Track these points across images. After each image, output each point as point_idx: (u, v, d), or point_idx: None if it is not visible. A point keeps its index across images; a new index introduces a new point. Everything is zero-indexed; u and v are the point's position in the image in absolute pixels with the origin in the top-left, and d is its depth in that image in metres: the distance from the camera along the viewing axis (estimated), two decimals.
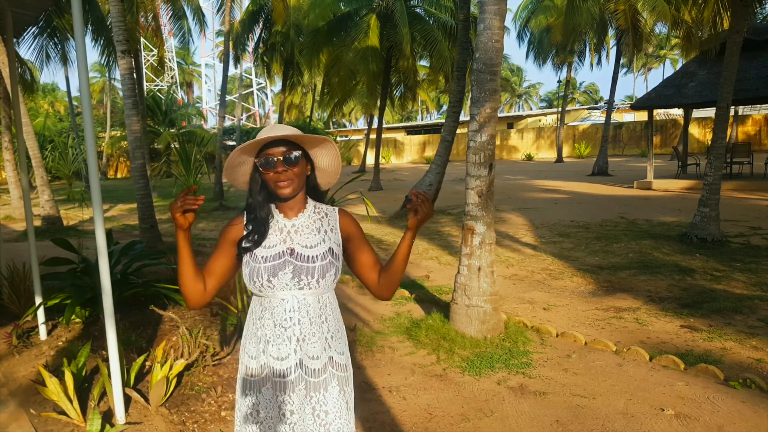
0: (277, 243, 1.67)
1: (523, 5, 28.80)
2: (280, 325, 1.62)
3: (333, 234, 1.71)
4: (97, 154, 3.13)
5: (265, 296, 1.64)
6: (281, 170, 1.60)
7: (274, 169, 1.60)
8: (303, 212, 1.72)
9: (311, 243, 1.67)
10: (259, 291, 1.64)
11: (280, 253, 1.64)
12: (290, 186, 1.62)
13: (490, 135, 4.55)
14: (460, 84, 11.86)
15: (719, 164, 7.87)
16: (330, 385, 1.66)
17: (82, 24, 3.04)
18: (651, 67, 57.00)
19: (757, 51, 13.87)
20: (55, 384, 3.12)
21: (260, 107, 61.95)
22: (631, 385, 3.60)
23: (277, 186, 1.62)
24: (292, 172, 1.62)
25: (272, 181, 1.62)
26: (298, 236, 1.68)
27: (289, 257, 1.64)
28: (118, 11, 8.43)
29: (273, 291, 1.62)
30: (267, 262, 1.63)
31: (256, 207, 1.68)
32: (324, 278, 1.64)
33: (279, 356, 1.63)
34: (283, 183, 1.61)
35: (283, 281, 1.61)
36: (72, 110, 24.19)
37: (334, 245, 1.69)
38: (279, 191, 1.63)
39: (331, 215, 1.74)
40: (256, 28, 23.43)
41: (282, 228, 1.69)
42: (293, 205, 1.71)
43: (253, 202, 1.68)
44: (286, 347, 1.62)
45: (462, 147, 33.11)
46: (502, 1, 4.49)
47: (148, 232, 8.71)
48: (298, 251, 1.65)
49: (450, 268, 7.20)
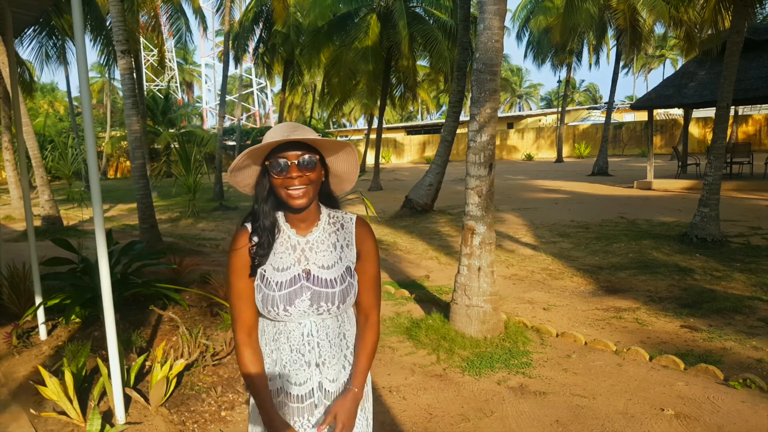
0: (291, 264, 1.49)
1: (522, 5, 28.81)
2: (297, 350, 1.50)
3: (349, 250, 1.55)
4: (97, 154, 3.13)
5: (281, 323, 1.52)
6: (295, 175, 1.41)
7: (287, 174, 1.41)
8: (317, 225, 1.54)
9: (328, 263, 1.51)
10: (274, 318, 1.50)
11: (295, 277, 1.48)
12: (304, 195, 1.43)
13: (490, 135, 4.55)
14: (460, 84, 11.87)
15: (719, 164, 7.87)
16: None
17: (82, 24, 3.03)
18: (651, 67, 56.99)
19: (757, 51, 13.87)
20: (55, 384, 3.12)
21: (260, 107, 61.96)
22: (631, 385, 3.60)
23: (289, 195, 1.43)
24: (306, 177, 1.42)
25: (283, 188, 1.43)
26: (314, 255, 1.51)
27: (306, 281, 1.48)
28: (118, 11, 8.44)
29: (290, 318, 1.49)
30: (282, 289, 1.46)
31: (261, 215, 1.49)
32: (344, 303, 1.51)
33: (297, 382, 1.51)
34: (296, 191, 1.42)
35: (300, 309, 1.47)
36: (72, 110, 24.19)
37: (350, 263, 1.55)
38: (291, 201, 1.43)
39: (348, 227, 1.57)
40: (257, 28, 23.44)
41: (295, 246, 1.51)
42: (306, 217, 1.52)
43: (258, 210, 1.49)
44: (304, 373, 1.51)
45: (462, 147, 33.12)
46: (501, 1, 4.49)
47: (148, 232, 8.71)
48: (314, 274, 1.49)
49: (450, 268, 7.20)
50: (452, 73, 13.33)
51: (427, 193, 12.18)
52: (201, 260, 7.52)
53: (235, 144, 33.38)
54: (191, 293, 5.46)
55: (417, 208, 12.09)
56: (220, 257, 8.08)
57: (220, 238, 10.22)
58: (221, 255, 8.34)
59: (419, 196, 12.22)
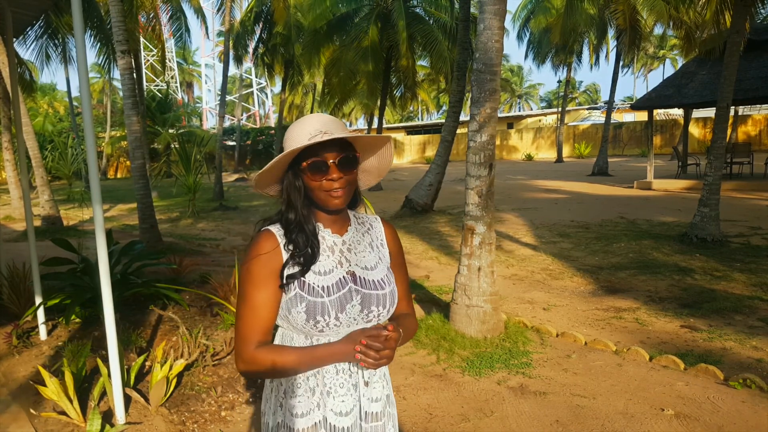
0: (333, 267, 1.34)
1: (523, 5, 28.83)
2: (345, 371, 1.33)
3: (384, 249, 1.46)
4: (97, 154, 3.13)
5: (323, 336, 1.32)
6: (336, 177, 1.28)
7: (328, 175, 1.28)
8: (351, 225, 1.43)
9: (370, 263, 1.39)
10: (320, 330, 1.30)
11: (341, 280, 1.33)
12: (345, 196, 1.32)
13: (490, 135, 4.55)
14: (460, 84, 11.87)
15: (719, 164, 7.87)
16: (387, 428, 1.42)
17: (82, 24, 3.04)
18: (651, 67, 56.98)
19: (757, 51, 13.87)
20: (55, 384, 3.12)
21: (260, 107, 61.99)
22: (631, 385, 3.60)
23: (329, 196, 1.30)
24: (347, 179, 1.31)
25: (323, 190, 1.30)
26: (354, 256, 1.39)
27: (354, 284, 1.34)
28: (118, 11, 8.44)
29: (339, 329, 1.30)
30: (331, 294, 1.29)
31: (302, 221, 1.33)
32: (393, 306, 1.39)
33: (343, 411, 1.32)
34: (337, 192, 1.29)
35: (351, 315, 1.31)
36: (72, 110, 24.21)
37: (388, 263, 1.44)
38: (332, 202, 1.31)
39: (377, 227, 1.48)
40: (257, 29, 23.46)
41: (333, 246, 1.38)
42: (339, 218, 1.41)
43: (296, 216, 1.34)
44: (351, 398, 1.33)
45: (462, 147, 33.12)
46: (501, 2, 4.49)
47: (148, 232, 8.71)
48: (360, 275, 1.36)
49: (450, 268, 7.20)
50: (452, 73, 13.34)
51: (427, 193, 12.18)
52: (201, 260, 7.52)
53: (235, 144, 33.42)
54: (191, 293, 5.47)
55: (417, 208, 12.09)
56: (220, 257, 8.08)
57: (220, 238, 10.22)
58: (221, 255, 8.34)
59: (419, 196, 12.22)
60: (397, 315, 1.46)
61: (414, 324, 1.50)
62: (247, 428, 3.18)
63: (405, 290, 1.48)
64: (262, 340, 1.29)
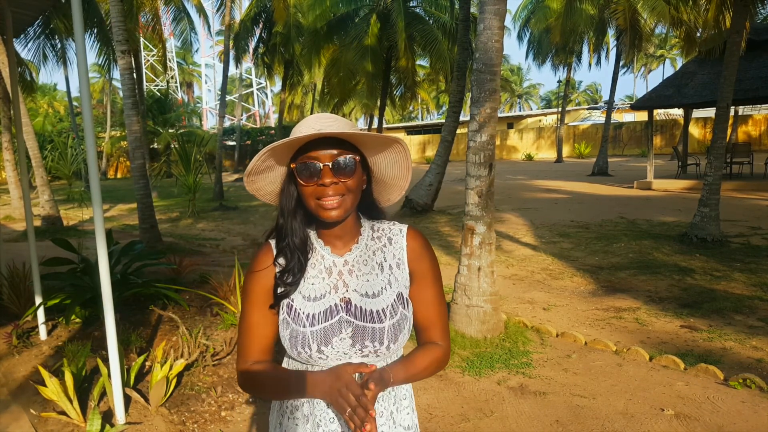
0: (325, 292, 1.19)
1: (523, 5, 28.86)
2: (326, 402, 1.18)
3: (400, 271, 1.22)
4: (97, 154, 3.13)
5: (315, 367, 1.20)
6: (329, 182, 1.11)
7: (318, 179, 1.11)
8: (357, 242, 1.23)
9: (373, 289, 1.19)
10: (306, 361, 1.19)
11: (331, 309, 1.17)
12: (340, 206, 1.13)
13: (490, 135, 4.55)
14: (460, 84, 11.87)
15: (719, 164, 7.87)
16: None
17: (82, 24, 3.03)
18: (651, 67, 57.00)
19: (757, 51, 13.87)
20: (55, 384, 3.12)
21: (260, 107, 62.01)
22: (631, 385, 3.60)
23: (320, 205, 1.12)
24: (343, 185, 1.12)
25: (313, 197, 1.13)
26: (354, 280, 1.20)
27: (346, 314, 1.17)
28: (118, 11, 8.44)
29: (326, 362, 1.16)
30: (315, 324, 1.15)
31: (289, 232, 1.19)
32: (396, 341, 1.18)
33: None
34: (329, 201, 1.11)
35: (339, 350, 1.15)
36: (72, 110, 24.20)
37: (402, 288, 1.22)
38: (322, 213, 1.13)
39: (397, 241, 1.24)
40: (257, 28, 23.47)
41: (330, 268, 1.21)
42: (342, 233, 1.21)
43: (284, 225, 1.19)
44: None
45: (462, 147, 33.11)
46: (501, 2, 4.49)
47: (148, 232, 8.71)
48: (356, 303, 1.18)
49: (450, 268, 7.20)
50: (452, 73, 13.34)
51: (427, 193, 12.18)
52: (201, 260, 7.53)
53: (235, 144, 33.43)
54: (191, 293, 5.47)
55: (417, 208, 12.09)
56: (220, 257, 8.09)
57: (220, 238, 10.22)
58: (221, 255, 8.34)
59: (419, 196, 12.22)
60: (422, 344, 1.26)
61: (436, 357, 1.24)
62: (247, 428, 3.18)
63: (436, 315, 1.25)
64: (258, 359, 1.22)
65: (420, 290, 1.23)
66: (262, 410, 3.28)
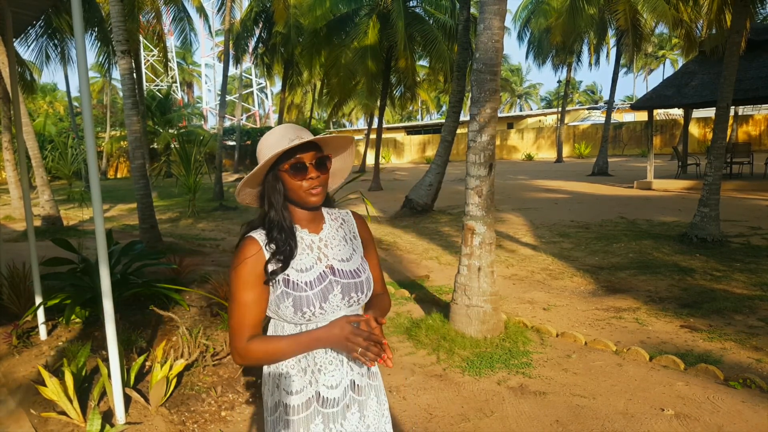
0: (312, 263, 1.50)
1: (523, 5, 28.83)
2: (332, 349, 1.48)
3: (356, 241, 1.61)
4: (97, 154, 3.13)
5: (310, 323, 1.47)
6: (315, 176, 1.45)
7: (306, 175, 1.44)
8: (325, 224, 1.59)
9: (345, 256, 1.55)
10: (308, 320, 1.46)
11: (322, 274, 1.49)
12: (322, 193, 1.49)
13: (491, 135, 4.55)
14: (460, 84, 11.87)
15: (719, 164, 7.87)
16: (370, 398, 1.56)
17: (82, 24, 3.04)
18: (651, 67, 56.98)
19: (757, 51, 13.86)
20: (55, 384, 3.12)
21: (260, 107, 61.99)
22: (631, 385, 3.60)
23: (309, 194, 1.46)
24: (323, 178, 1.48)
25: (303, 189, 1.45)
26: (331, 251, 1.54)
27: (333, 276, 1.50)
28: (118, 12, 8.44)
29: (324, 316, 1.46)
30: (314, 287, 1.46)
31: (281, 221, 1.48)
32: (371, 291, 1.55)
33: (332, 384, 1.48)
34: (315, 190, 1.46)
35: (334, 304, 1.47)
36: (72, 110, 24.21)
37: (361, 253, 1.61)
38: (311, 199, 1.47)
39: (348, 220, 1.64)
40: (257, 29, 23.46)
41: (311, 245, 1.53)
42: (314, 217, 1.56)
43: (276, 216, 1.49)
44: (339, 372, 1.49)
45: (462, 147, 33.12)
46: (501, 1, 4.49)
47: (148, 232, 8.71)
48: (337, 268, 1.52)
49: (450, 268, 7.20)
50: (452, 73, 13.34)
51: (427, 193, 12.18)
52: (201, 260, 7.53)
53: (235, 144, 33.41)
54: (191, 293, 5.47)
55: (417, 208, 12.09)
56: (220, 257, 8.09)
57: (220, 238, 10.22)
58: (221, 255, 8.34)
59: (419, 196, 12.22)
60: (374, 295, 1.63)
61: (387, 301, 1.69)
62: (247, 428, 3.18)
63: (378, 273, 1.66)
64: (253, 333, 1.43)
65: (367, 253, 1.63)
66: (262, 410, 3.28)
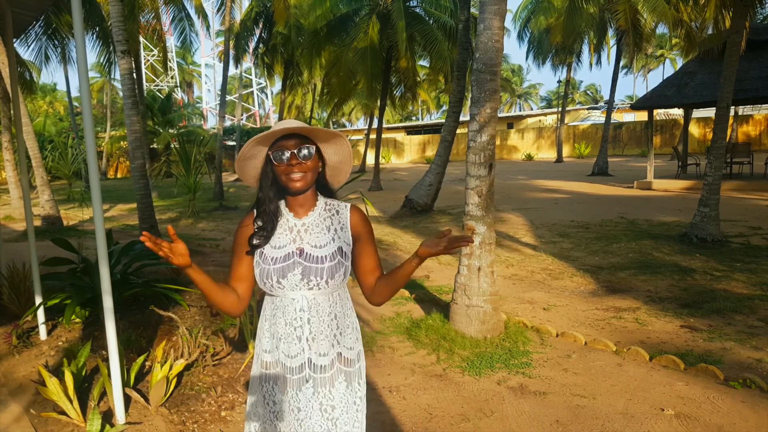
0: (286, 243, 1.67)
1: (523, 5, 28.81)
2: (291, 324, 1.65)
3: (343, 232, 1.71)
4: (97, 154, 3.13)
5: (277, 296, 1.66)
6: (294, 163, 1.60)
7: (287, 162, 1.60)
8: (313, 210, 1.72)
9: (320, 242, 1.67)
10: (270, 291, 1.66)
11: (289, 254, 1.65)
12: (303, 179, 1.62)
13: (491, 135, 4.55)
14: (460, 84, 11.87)
15: (719, 164, 7.86)
16: (337, 381, 1.67)
17: (82, 24, 3.04)
18: (651, 67, 56.96)
19: (757, 51, 13.86)
20: (55, 384, 3.12)
21: (260, 107, 61.96)
22: (631, 385, 3.60)
23: (289, 179, 1.62)
24: (305, 165, 1.62)
25: (284, 174, 1.62)
26: (308, 236, 1.68)
27: (299, 258, 1.64)
28: (118, 11, 8.44)
29: (283, 291, 1.63)
30: (276, 263, 1.63)
31: (266, 200, 1.68)
32: (333, 279, 1.64)
33: (289, 354, 1.65)
34: (295, 176, 1.61)
35: (292, 282, 1.62)
36: (72, 110, 24.21)
37: (343, 244, 1.69)
38: (291, 184, 1.62)
39: (343, 212, 1.74)
40: (257, 29, 23.44)
41: (292, 227, 1.69)
42: (303, 202, 1.70)
43: (263, 196, 1.69)
44: (296, 346, 1.64)
45: (462, 147, 33.11)
46: (502, 1, 4.49)
47: (148, 232, 8.70)
48: (307, 251, 1.65)
49: (450, 268, 7.20)
50: (452, 73, 13.34)
51: (427, 193, 12.18)
52: (201, 260, 7.53)
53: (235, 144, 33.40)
54: (191, 293, 5.47)
55: (417, 208, 12.09)
56: (220, 257, 8.09)
57: (220, 238, 10.22)
58: (221, 255, 8.34)
59: (419, 196, 12.22)
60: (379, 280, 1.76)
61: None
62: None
63: (376, 262, 1.76)
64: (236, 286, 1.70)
65: (362, 247, 1.73)
66: None
